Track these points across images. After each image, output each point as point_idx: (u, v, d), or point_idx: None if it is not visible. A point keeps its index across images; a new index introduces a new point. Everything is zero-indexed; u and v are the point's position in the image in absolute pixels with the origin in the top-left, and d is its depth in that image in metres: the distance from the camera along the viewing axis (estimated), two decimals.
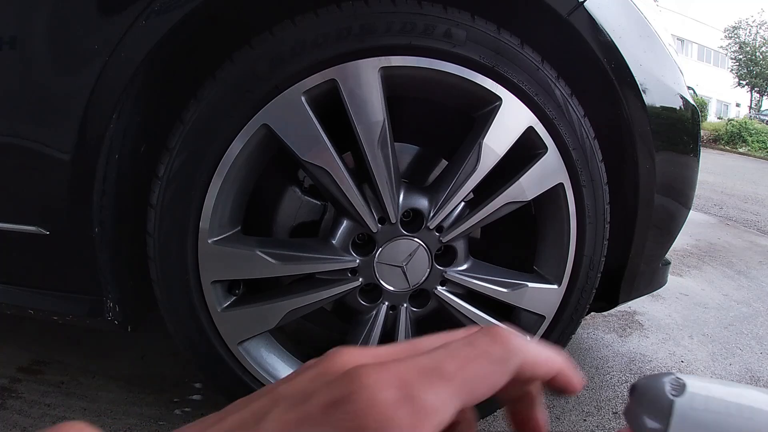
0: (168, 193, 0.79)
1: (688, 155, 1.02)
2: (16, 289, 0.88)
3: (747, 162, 11.59)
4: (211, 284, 0.83)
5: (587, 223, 0.92)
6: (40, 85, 0.76)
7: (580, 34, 0.83)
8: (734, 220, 4.09)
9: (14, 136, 0.78)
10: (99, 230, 0.80)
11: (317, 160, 0.78)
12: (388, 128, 0.79)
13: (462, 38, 0.79)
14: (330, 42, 0.75)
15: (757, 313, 2.04)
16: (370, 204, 0.83)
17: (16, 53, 0.75)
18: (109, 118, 0.75)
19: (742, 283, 2.40)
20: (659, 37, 0.96)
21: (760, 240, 3.45)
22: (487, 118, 0.83)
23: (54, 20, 0.74)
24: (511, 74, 0.82)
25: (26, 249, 0.85)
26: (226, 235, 0.83)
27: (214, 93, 0.77)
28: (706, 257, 2.81)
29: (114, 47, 0.72)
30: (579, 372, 0.25)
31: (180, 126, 0.78)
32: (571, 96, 0.86)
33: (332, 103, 0.78)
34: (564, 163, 0.88)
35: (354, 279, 0.87)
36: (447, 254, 0.91)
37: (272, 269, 0.83)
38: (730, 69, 32.26)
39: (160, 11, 0.72)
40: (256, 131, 0.77)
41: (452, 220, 0.88)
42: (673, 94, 0.97)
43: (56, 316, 0.89)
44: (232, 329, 0.87)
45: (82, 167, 0.77)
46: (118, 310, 0.86)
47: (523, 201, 0.88)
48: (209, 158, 0.78)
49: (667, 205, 1.00)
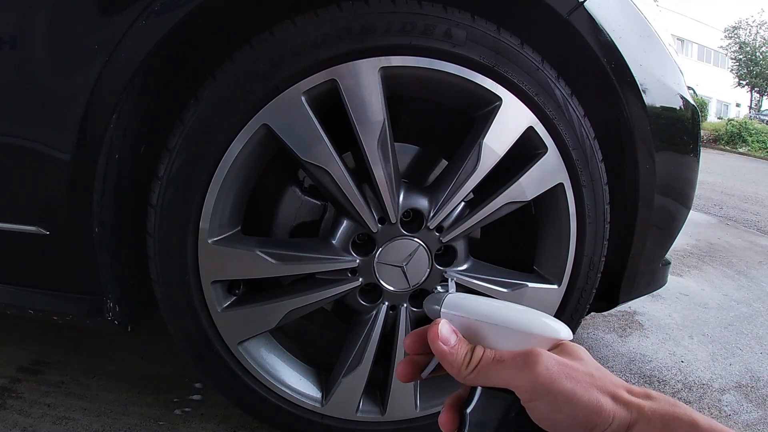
0: (168, 193, 0.79)
1: (688, 155, 1.02)
2: (16, 289, 0.88)
3: (747, 162, 11.59)
4: (211, 284, 0.83)
5: (587, 223, 0.92)
6: (40, 85, 0.76)
7: (580, 34, 0.83)
8: (734, 220, 4.09)
9: (14, 136, 0.78)
10: (99, 230, 0.80)
11: (317, 160, 0.78)
12: (388, 128, 0.79)
13: (462, 38, 0.79)
14: (330, 42, 0.75)
15: (757, 313, 2.04)
16: (370, 204, 0.83)
17: (16, 53, 0.75)
18: (109, 118, 0.75)
19: (742, 283, 2.40)
20: (659, 37, 0.96)
21: (760, 240, 3.45)
22: (487, 118, 0.83)
23: (54, 20, 0.74)
24: (511, 74, 0.82)
25: (26, 249, 0.85)
26: (226, 235, 0.83)
27: (214, 93, 0.77)
28: (706, 257, 2.81)
29: (114, 47, 0.72)
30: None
31: (180, 126, 0.78)
32: (571, 96, 0.86)
33: (332, 103, 0.78)
34: (564, 163, 0.88)
35: (354, 279, 0.87)
36: (447, 254, 0.91)
37: (272, 269, 0.83)
38: (730, 69, 32.25)
39: (160, 11, 0.72)
40: (256, 131, 0.77)
41: (452, 220, 0.88)
42: (673, 94, 0.97)
43: (56, 316, 0.89)
44: (232, 329, 0.87)
45: (82, 167, 0.77)
46: (118, 310, 0.86)
47: (523, 201, 0.88)
48: (209, 158, 0.78)
49: (667, 205, 1.00)
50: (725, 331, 1.82)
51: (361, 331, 0.91)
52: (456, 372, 0.39)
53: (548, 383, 0.35)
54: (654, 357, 1.55)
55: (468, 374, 0.38)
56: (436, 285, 0.89)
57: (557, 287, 0.95)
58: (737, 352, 1.66)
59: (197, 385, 1.18)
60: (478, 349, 0.39)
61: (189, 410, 1.10)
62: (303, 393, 0.93)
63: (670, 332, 1.75)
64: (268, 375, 0.90)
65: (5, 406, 1.06)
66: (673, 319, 1.87)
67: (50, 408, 1.07)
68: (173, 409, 1.10)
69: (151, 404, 1.11)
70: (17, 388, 1.12)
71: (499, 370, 0.37)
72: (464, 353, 0.39)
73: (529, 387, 0.36)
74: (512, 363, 0.37)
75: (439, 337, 0.39)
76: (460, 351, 0.39)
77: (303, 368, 0.96)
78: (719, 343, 1.71)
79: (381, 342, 0.91)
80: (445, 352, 0.39)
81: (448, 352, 0.39)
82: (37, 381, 1.15)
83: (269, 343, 0.94)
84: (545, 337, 0.39)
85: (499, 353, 0.38)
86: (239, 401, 0.93)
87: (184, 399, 1.14)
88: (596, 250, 0.94)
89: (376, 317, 0.90)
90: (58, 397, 1.11)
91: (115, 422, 1.04)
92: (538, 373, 0.35)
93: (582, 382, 0.35)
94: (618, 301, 1.06)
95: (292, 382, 0.93)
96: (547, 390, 0.35)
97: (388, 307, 0.91)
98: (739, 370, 1.54)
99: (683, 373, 1.48)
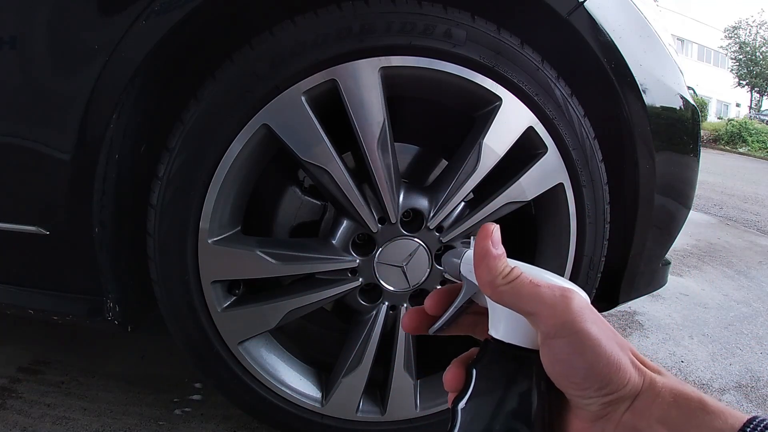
0: (168, 193, 0.79)
1: (688, 155, 1.02)
2: (16, 289, 0.88)
3: (747, 162, 11.59)
4: (211, 284, 0.83)
5: (587, 223, 0.92)
6: (40, 85, 0.76)
7: (580, 34, 0.83)
8: (734, 220, 4.09)
9: (14, 136, 0.78)
10: (99, 230, 0.80)
11: (317, 160, 0.78)
12: (388, 128, 0.79)
13: (462, 38, 0.79)
14: (330, 42, 0.75)
15: (757, 313, 2.04)
16: (370, 204, 0.83)
17: (16, 53, 0.75)
18: (109, 118, 0.75)
19: (742, 283, 2.40)
20: (659, 37, 0.96)
21: (760, 240, 3.45)
22: (487, 118, 0.83)
23: (54, 20, 0.74)
24: (511, 74, 0.82)
25: (26, 249, 0.85)
26: (226, 235, 0.83)
27: (214, 93, 0.77)
28: (706, 257, 2.81)
29: (114, 47, 0.72)
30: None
31: (180, 126, 0.78)
32: (571, 96, 0.86)
33: (332, 103, 0.78)
34: (564, 163, 0.88)
35: (354, 279, 0.87)
36: None
37: (272, 269, 0.83)
38: (730, 69, 32.26)
39: (160, 11, 0.72)
40: (256, 131, 0.77)
41: (452, 220, 0.88)
42: (673, 94, 0.97)
43: (56, 316, 0.89)
44: (232, 329, 0.87)
45: (82, 167, 0.77)
46: (118, 310, 0.86)
47: (523, 201, 0.88)
48: (209, 158, 0.78)
49: (667, 205, 1.00)
50: (725, 331, 1.82)
51: (361, 331, 0.91)
52: (491, 279, 0.37)
53: (579, 321, 0.34)
54: (654, 357, 1.55)
55: (501, 285, 0.36)
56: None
57: None
58: (737, 352, 1.66)
59: (197, 385, 1.18)
60: (516, 270, 0.37)
61: (189, 410, 1.10)
62: (303, 393, 0.93)
63: (670, 332, 1.75)
64: (268, 375, 0.90)
65: (5, 406, 1.06)
66: (673, 319, 1.87)
67: (50, 408, 1.07)
68: (173, 409, 1.10)
69: (151, 404, 1.11)
70: (17, 388, 1.12)
71: (533, 293, 0.35)
72: (505, 264, 0.37)
73: (557, 321, 0.34)
74: (547, 291, 0.35)
75: (491, 237, 0.37)
76: (502, 260, 0.37)
77: (303, 368, 0.96)
78: (719, 343, 1.71)
79: (381, 342, 0.91)
80: (490, 252, 0.37)
81: (494, 255, 0.37)
82: (37, 381, 1.15)
83: (269, 343, 0.94)
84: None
85: (536, 278, 0.36)
86: (239, 401, 0.93)
87: (184, 399, 1.14)
88: (596, 250, 0.94)
89: (376, 317, 0.90)
90: (58, 397, 1.11)
91: (115, 422, 1.04)
92: (571, 309, 0.34)
93: (608, 335, 0.34)
94: (618, 301, 1.06)
95: (292, 382, 0.93)
96: (575, 329, 0.33)
97: (388, 307, 0.91)
98: (739, 370, 1.54)
99: (683, 373, 1.48)
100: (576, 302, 0.34)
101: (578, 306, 0.34)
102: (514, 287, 0.36)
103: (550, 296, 0.35)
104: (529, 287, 0.36)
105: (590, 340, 0.33)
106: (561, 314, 0.34)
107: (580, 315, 0.34)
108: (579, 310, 0.34)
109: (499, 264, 0.37)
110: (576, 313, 0.34)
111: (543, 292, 0.35)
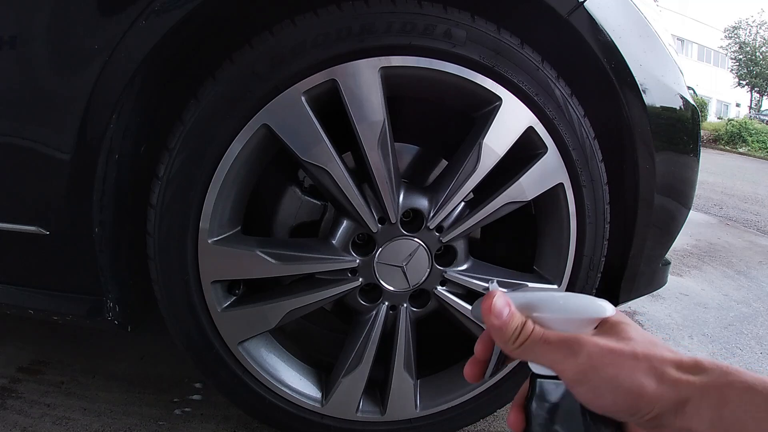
0: (168, 193, 0.79)
1: (688, 155, 1.02)
2: (16, 289, 0.88)
3: (747, 162, 11.59)
4: (211, 284, 0.83)
5: (587, 223, 0.92)
6: (40, 85, 0.76)
7: (580, 34, 0.83)
8: (734, 220, 4.09)
9: (14, 136, 0.78)
10: (99, 230, 0.80)
11: (317, 160, 0.78)
12: (388, 128, 0.79)
13: (462, 38, 0.79)
14: (330, 42, 0.75)
15: (757, 313, 2.04)
16: (370, 204, 0.83)
17: (16, 53, 0.75)
18: (109, 118, 0.75)
19: (742, 283, 2.40)
20: (659, 37, 0.96)
21: (760, 240, 3.45)
22: (487, 118, 0.83)
23: (54, 20, 0.74)
24: (511, 74, 0.82)
25: (26, 249, 0.85)
26: (226, 235, 0.83)
27: (215, 93, 0.77)
28: (706, 257, 2.81)
29: (114, 47, 0.72)
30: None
31: (180, 126, 0.78)
32: (571, 96, 0.86)
33: (332, 103, 0.78)
34: (564, 163, 0.88)
35: (354, 279, 0.87)
36: (447, 254, 0.91)
37: (272, 269, 0.83)
38: (730, 69, 32.26)
39: (160, 11, 0.72)
40: (256, 131, 0.77)
41: (452, 220, 0.88)
42: (673, 94, 0.97)
43: (56, 316, 0.89)
44: (232, 329, 0.87)
45: (82, 167, 0.77)
46: (118, 310, 0.86)
47: (523, 201, 0.88)
48: (209, 158, 0.78)
49: (667, 205, 1.00)
50: (725, 331, 1.82)
51: (361, 331, 0.91)
52: (503, 345, 0.40)
53: (589, 371, 0.36)
54: None
55: (515, 349, 0.39)
56: (435, 286, 0.89)
57: (557, 287, 0.95)
58: (737, 352, 1.66)
59: (197, 385, 1.18)
60: (529, 324, 0.40)
61: (189, 410, 1.10)
62: (303, 393, 0.93)
63: (670, 332, 1.75)
64: (268, 375, 0.90)
65: (5, 406, 1.06)
66: (673, 319, 1.87)
67: (50, 408, 1.07)
68: (173, 409, 1.10)
69: (151, 404, 1.11)
70: (17, 388, 1.12)
71: (545, 351, 0.38)
72: (515, 326, 0.40)
73: (570, 374, 0.37)
74: (557, 346, 0.38)
75: (492, 310, 0.40)
76: (511, 324, 0.40)
77: (303, 368, 0.96)
78: (719, 343, 1.71)
79: (381, 342, 0.91)
80: (495, 325, 0.40)
81: (498, 326, 0.40)
82: (37, 381, 1.15)
83: (269, 343, 0.94)
84: (591, 318, 0.40)
85: (546, 334, 0.39)
86: (239, 401, 0.93)
87: (184, 399, 1.14)
88: (596, 250, 0.94)
89: (376, 317, 0.90)
90: (58, 397, 1.11)
91: (115, 422, 1.04)
92: (580, 362, 0.36)
93: (625, 368, 0.36)
94: (618, 301, 1.06)
95: (292, 382, 0.93)
96: (588, 378, 0.36)
97: (388, 307, 0.91)
98: None
99: None
100: (583, 354, 0.37)
101: (586, 356, 0.36)
102: (526, 348, 0.39)
103: (561, 350, 0.37)
104: (541, 345, 0.38)
105: (605, 382, 0.36)
106: (572, 368, 0.37)
107: (590, 365, 0.36)
108: (587, 360, 0.36)
109: (507, 331, 0.39)
110: (585, 365, 0.36)
111: (553, 348, 0.38)
